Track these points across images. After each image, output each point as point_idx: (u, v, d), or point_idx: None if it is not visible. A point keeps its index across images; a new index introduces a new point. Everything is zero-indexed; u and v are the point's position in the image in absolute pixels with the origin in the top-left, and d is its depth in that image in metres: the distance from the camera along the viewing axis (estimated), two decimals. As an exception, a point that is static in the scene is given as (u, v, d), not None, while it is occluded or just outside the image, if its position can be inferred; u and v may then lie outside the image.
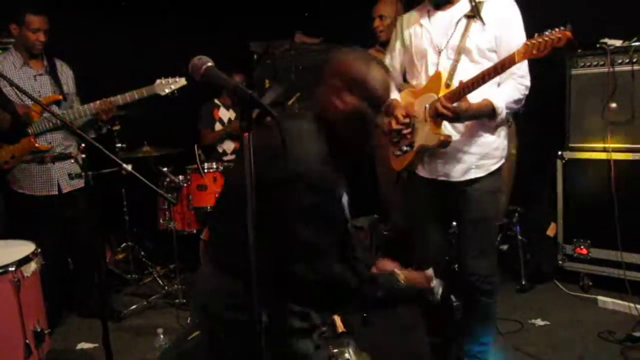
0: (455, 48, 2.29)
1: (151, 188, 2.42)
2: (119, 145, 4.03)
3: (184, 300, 3.68)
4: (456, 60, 2.29)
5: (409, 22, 2.47)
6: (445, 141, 2.28)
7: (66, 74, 3.48)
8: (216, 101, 4.74)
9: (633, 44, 3.37)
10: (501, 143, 2.41)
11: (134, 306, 3.69)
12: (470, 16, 2.27)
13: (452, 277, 2.76)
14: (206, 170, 3.83)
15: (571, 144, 3.65)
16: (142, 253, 4.40)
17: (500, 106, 2.23)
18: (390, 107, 2.44)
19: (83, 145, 2.31)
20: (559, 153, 3.66)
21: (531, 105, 2.48)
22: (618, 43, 3.44)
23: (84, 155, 2.40)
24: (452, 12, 2.32)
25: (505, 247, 3.88)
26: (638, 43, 3.36)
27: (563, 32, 2.00)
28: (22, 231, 2.81)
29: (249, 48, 4.78)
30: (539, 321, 3.27)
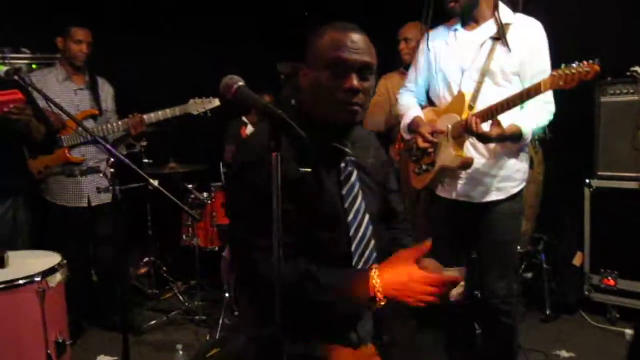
0: (479, 70, 2.29)
1: (176, 204, 2.45)
2: (146, 161, 4.09)
3: (204, 317, 3.69)
4: (480, 82, 2.28)
5: (435, 39, 2.47)
6: (467, 163, 2.27)
7: (106, 91, 3.60)
8: (244, 119, 4.78)
9: (664, 73, 3.33)
10: (523, 166, 2.39)
11: (154, 321, 3.70)
12: (496, 38, 2.27)
13: (474, 304, 2.72)
14: (231, 188, 3.86)
15: (600, 172, 3.60)
16: (164, 268, 4.43)
17: (527, 131, 2.22)
18: (414, 124, 2.44)
19: (112, 160, 2.35)
20: (587, 181, 3.60)
21: (560, 132, 2.46)
22: (648, 72, 3.40)
23: (113, 170, 2.45)
24: (479, 33, 2.32)
25: (529, 276, 3.81)
26: (669, 72, 3.32)
27: (592, 66, 1.98)
28: (51, 241, 2.87)
29: (276, 69, 4.84)
30: (564, 353, 3.18)
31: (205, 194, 3.92)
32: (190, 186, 3.90)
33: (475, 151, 2.33)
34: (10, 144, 2.84)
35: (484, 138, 2.18)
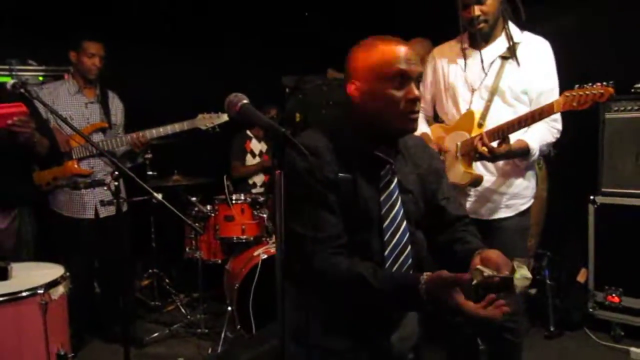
0: (488, 88, 2.30)
1: (179, 217, 2.45)
2: (150, 173, 4.10)
3: (206, 330, 3.67)
4: (489, 100, 2.29)
5: (442, 55, 2.48)
6: (476, 180, 2.27)
7: (116, 105, 3.64)
8: (248, 132, 4.81)
9: (668, 90, 3.33)
10: (531, 183, 2.39)
11: (156, 334, 3.69)
12: (505, 57, 2.28)
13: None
14: (234, 201, 3.86)
15: (604, 189, 3.58)
16: (167, 281, 4.43)
17: (534, 147, 2.22)
18: None
19: (116, 172, 2.36)
20: (591, 197, 3.59)
21: (563, 148, 2.46)
22: (653, 88, 3.41)
23: (116, 182, 2.46)
24: (488, 51, 2.33)
25: (533, 292, 3.78)
26: (674, 88, 3.32)
27: (606, 89, 1.98)
28: (55, 252, 2.87)
29: (281, 81, 4.86)
30: (568, 370, 3.16)
31: (208, 207, 3.93)
32: (193, 199, 3.90)
33: (484, 168, 2.33)
34: (14, 156, 2.85)
35: (492, 155, 2.18)
